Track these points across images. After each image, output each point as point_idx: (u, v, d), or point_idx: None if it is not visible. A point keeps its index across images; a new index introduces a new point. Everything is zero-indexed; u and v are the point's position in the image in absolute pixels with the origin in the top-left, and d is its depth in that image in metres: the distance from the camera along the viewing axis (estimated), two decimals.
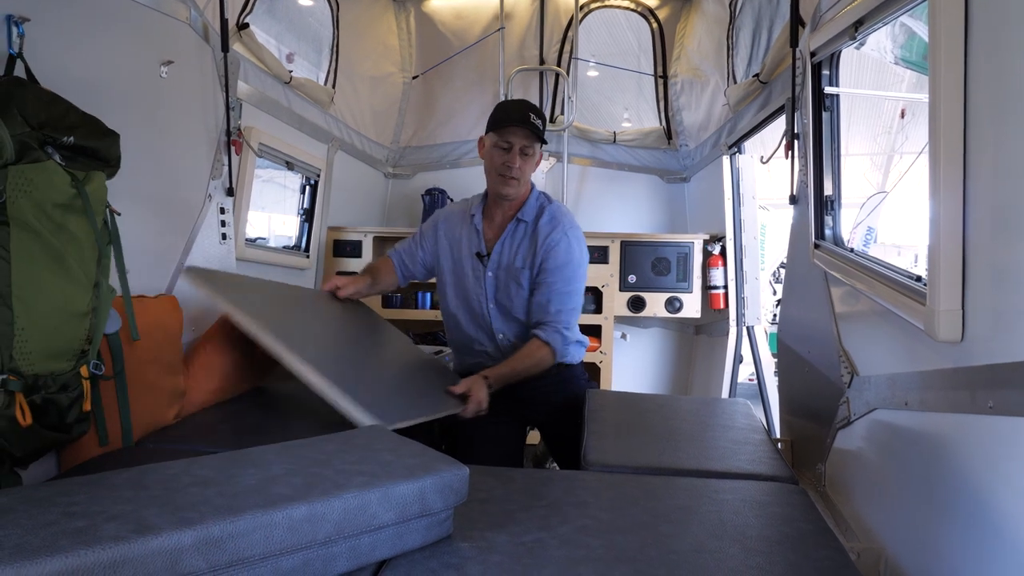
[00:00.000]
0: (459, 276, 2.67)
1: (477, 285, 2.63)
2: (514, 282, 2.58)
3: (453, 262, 2.69)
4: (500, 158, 2.51)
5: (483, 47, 4.88)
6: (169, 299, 2.38)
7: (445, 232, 2.72)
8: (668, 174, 5.03)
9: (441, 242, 2.71)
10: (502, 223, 2.63)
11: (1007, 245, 1.19)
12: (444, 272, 2.71)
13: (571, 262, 2.55)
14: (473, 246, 2.65)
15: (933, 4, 1.31)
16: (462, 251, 2.67)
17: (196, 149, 2.72)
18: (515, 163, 2.49)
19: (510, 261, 2.59)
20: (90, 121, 1.82)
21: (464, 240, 2.67)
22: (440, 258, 2.71)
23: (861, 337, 2.01)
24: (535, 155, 2.55)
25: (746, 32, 3.63)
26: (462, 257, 2.66)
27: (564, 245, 2.54)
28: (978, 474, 1.26)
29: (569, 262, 2.55)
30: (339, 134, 4.21)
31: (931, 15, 1.32)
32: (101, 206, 1.81)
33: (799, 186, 2.63)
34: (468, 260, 2.65)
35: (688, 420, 2.32)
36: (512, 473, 1.74)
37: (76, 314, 1.71)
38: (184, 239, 2.65)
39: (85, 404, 1.78)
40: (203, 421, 2.26)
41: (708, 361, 4.55)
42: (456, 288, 2.68)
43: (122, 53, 2.26)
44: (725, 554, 1.31)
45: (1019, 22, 1.17)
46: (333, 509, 1.20)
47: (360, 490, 1.24)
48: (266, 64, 3.29)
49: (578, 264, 2.58)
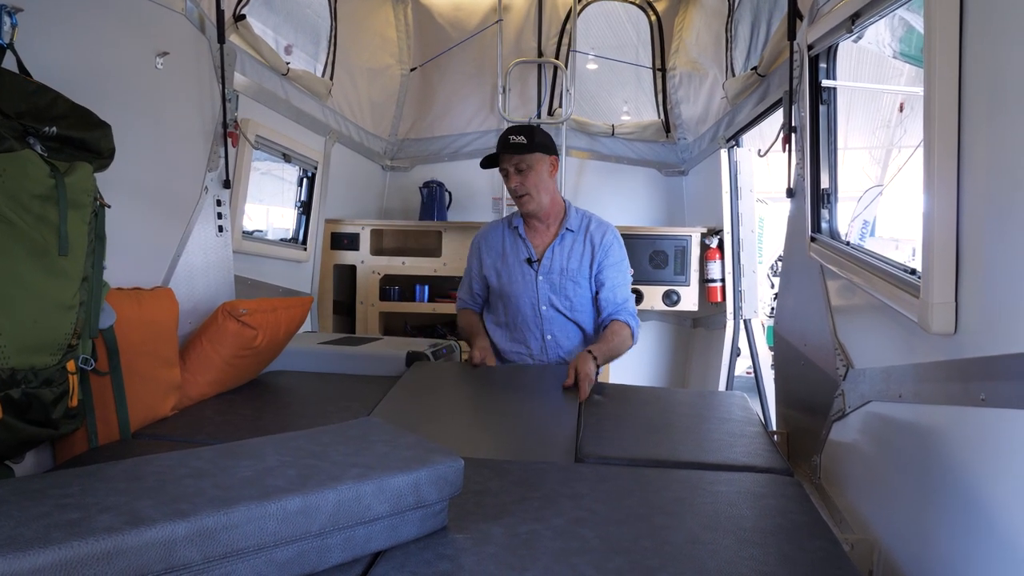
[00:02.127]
0: (508, 283, 2.86)
1: (528, 289, 2.84)
2: (571, 282, 2.81)
3: (497, 272, 2.89)
4: (507, 186, 2.79)
5: (481, 39, 4.86)
6: (165, 291, 2.37)
7: (486, 249, 2.94)
8: (666, 167, 5.03)
9: (484, 259, 2.93)
10: (547, 232, 2.88)
11: (1000, 239, 1.20)
12: (493, 285, 2.92)
13: (624, 258, 2.88)
14: (521, 254, 2.86)
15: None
16: (507, 259, 2.88)
17: (192, 141, 2.72)
18: (513, 183, 2.73)
19: (563, 265, 2.82)
20: (79, 112, 1.79)
21: (509, 250, 2.89)
22: (487, 273, 2.92)
23: (856, 330, 2.02)
24: (535, 166, 2.72)
25: (745, 25, 3.62)
26: (509, 265, 2.87)
27: (617, 245, 2.86)
28: (970, 465, 1.26)
29: (623, 258, 2.87)
30: (337, 126, 4.19)
31: (926, 9, 1.32)
32: (87, 197, 1.77)
33: (796, 179, 2.63)
34: (517, 267, 2.86)
35: (684, 413, 2.33)
36: (508, 465, 1.74)
37: (59, 307, 1.67)
38: (180, 231, 2.65)
39: (71, 400, 1.74)
40: (200, 414, 2.27)
41: (705, 354, 4.56)
42: (504, 296, 2.87)
43: (117, 44, 2.25)
44: (719, 545, 1.31)
45: (1014, 17, 1.16)
46: (327, 501, 1.20)
47: (355, 482, 1.24)
48: (263, 56, 3.27)
49: (625, 257, 2.90)
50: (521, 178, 2.71)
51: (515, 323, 2.87)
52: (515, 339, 2.89)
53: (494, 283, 2.90)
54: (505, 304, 2.88)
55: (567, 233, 2.84)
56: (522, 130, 2.73)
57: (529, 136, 2.70)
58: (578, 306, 2.82)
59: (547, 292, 2.82)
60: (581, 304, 2.83)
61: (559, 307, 2.82)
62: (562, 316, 2.83)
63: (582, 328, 2.87)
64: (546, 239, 2.86)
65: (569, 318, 2.83)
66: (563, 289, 2.81)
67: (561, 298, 2.81)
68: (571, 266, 2.81)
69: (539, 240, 2.87)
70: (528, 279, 2.83)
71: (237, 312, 2.43)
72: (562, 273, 2.81)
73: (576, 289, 2.81)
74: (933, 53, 1.29)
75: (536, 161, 2.71)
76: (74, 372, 1.74)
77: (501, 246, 2.90)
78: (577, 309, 2.83)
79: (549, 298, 2.82)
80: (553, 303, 2.82)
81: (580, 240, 2.83)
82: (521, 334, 2.87)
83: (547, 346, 2.85)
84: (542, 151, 2.73)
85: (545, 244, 2.85)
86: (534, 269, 2.83)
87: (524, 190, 2.73)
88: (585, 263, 2.81)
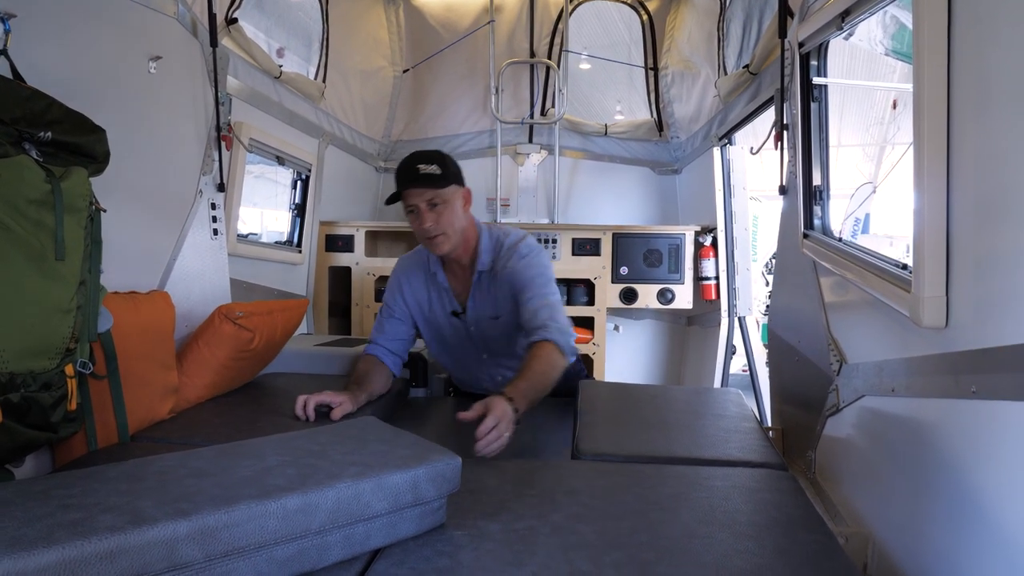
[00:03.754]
0: (440, 335, 2.62)
1: (464, 340, 2.59)
2: (503, 323, 2.50)
3: (427, 323, 2.61)
4: (415, 224, 2.35)
5: (473, 40, 4.88)
6: (161, 295, 2.38)
7: (410, 293, 2.60)
8: (659, 166, 5.05)
9: (410, 304, 2.60)
10: (464, 274, 2.53)
11: (989, 234, 1.21)
12: (425, 334, 2.65)
13: (536, 272, 2.42)
14: (446, 305, 2.56)
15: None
16: (435, 312, 2.58)
17: (186, 144, 2.72)
18: (427, 223, 2.30)
19: (490, 312, 2.51)
20: (74, 117, 1.80)
21: (435, 300, 2.58)
22: (415, 318, 2.61)
23: (850, 325, 2.04)
24: (450, 199, 2.33)
25: (737, 23, 3.64)
26: (436, 318, 2.59)
27: (522, 264, 2.42)
28: (961, 457, 1.28)
29: (535, 274, 2.42)
30: (330, 128, 4.20)
31: (915, 8, 1.34)
32: (83, 202, 1.77)
33: (788, 176, 2.65)
34: (445, 320, 2.58)
35: (680, 409, 2.34)
36: (504, 464, 1.75)
37: (58, 311, 1.68)
38: (175, 235, 2.65)
39: (70, 403, 1.75)
40: (197, 416, 2.27)
41: (700, 352, 4.58)
42: (441, 345, 2.66)
43: (110, 49, 2.25)
44: (714, 539, 1.32)
45: (1001, 15, 1.18)
46: (327, 499, 1.21)
47: (353, 480, 1.25)
48: (255, 59, 3.28)
49: (543, 268, 2.45)
50: (435, 215, 2.30)
51: (464, 368, 2.72)
52: (470, 382, 2.75)
53: (427, 332, 2.65)
54: (448, 353, 2.68)
55: (481, 276, 2.49)
56: (432, 158, 2.30)
57: (442, 165, 2.30)
58: (516, 338, 2.51)
59: (481, 340, 2.57)
60: (518, 335, 2.49)
61: (500, 351, 2.58)
62: (504, 353, 2.58)
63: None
64: (465, 284, 2.54)
65: (513, 354, 2.53)
66: (494, 330, 2.54)
67: (500, 343, 2.55)
68: (498, 310, 2.49)
69: (460, 286, 2.55)
70: (460, 332, 2.58)
71: (233, 315, 2.43)
72: (490, 321, 2.52)
73: (507, 328, 2.51)
74: (922, 52, 1.31)
75: (451, 195, 2.32)
76: (72, 376, 1.75)
77: (426, 295, 2.59)
78: (519, 346, 2.47)
79: (486, 344, 2.57)
80: (491, 347, 2.58)
81: (495, 279, 2.48)
82: (473, 376, 2.71)
83: (501, 383, 2.43)
84: (456, 183, 2.35)
85: (465, 290, 2.54)
86: (463, 321, 2.55)
87: (439, 229, 2.32)
88: (505, 299, 2.47)
